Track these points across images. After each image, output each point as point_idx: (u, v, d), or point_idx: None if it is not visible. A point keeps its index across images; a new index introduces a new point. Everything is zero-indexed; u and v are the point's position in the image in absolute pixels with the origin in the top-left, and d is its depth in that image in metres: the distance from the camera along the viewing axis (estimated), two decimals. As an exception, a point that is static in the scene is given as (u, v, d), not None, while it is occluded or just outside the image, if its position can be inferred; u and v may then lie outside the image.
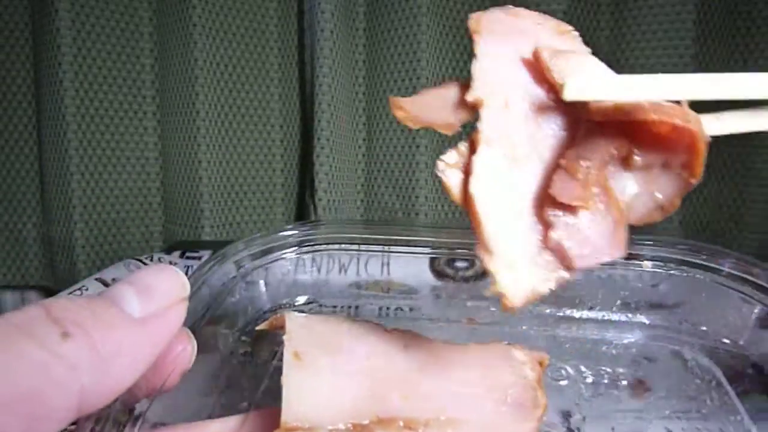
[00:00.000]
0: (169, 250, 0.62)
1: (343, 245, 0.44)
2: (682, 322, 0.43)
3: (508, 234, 0.21)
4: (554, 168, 0.22)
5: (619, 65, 0.65)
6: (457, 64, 0.67)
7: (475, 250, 0.21)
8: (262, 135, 0.70)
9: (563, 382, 0.38)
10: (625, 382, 0.39)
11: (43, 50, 0.64)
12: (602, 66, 0.23)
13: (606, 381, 0.39)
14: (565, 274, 0.21)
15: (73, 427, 0.20)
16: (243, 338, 0.42)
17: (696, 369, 0.40)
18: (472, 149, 0.22)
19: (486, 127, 0.22)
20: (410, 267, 0.50)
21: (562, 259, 0.21)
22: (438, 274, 0.51)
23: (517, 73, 0.23)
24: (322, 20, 0.62)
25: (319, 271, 0.48)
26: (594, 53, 0.23)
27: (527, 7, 0.24)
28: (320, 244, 0.44)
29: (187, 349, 0.24)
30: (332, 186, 0.66)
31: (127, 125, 0.68)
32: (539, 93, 0.23)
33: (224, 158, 0.68)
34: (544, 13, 0.24)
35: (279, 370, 0.26)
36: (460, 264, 0.51)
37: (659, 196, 0.22)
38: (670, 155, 0.21)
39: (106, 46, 0.65)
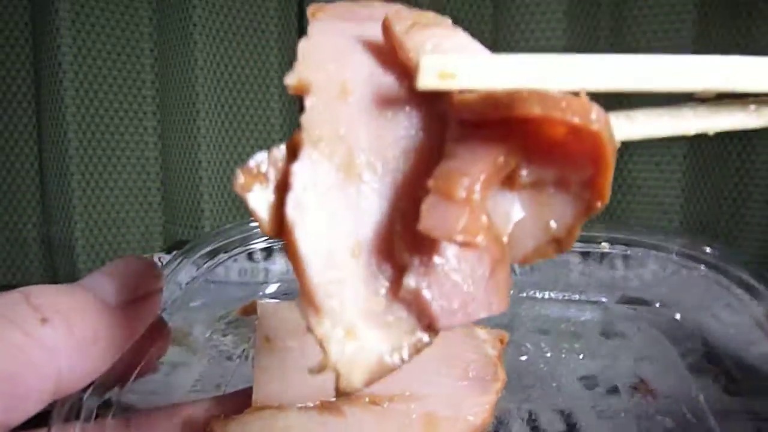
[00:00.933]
0: (169, 250, 0.63)
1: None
2: (639, 300, 0.45)
3: (342, 281, 0.15)
4: (415, 189, 0.15)
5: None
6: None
7: (297, 304, 0.15)
8: (262, 135, 0.70)
9: (523, 358, 0.40)
10: (581, 356, 0.40)
11: (43, 50, 0.64)
12: (477, 45, 0.17)
13: (564, 356, 0.40)
14: (425, 338, 0.15)
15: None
16: (217, 324, 0.44)
17: (650, 344, 0.41)
18: (292, 155, 0.15)
19: (312, 122, 0.15)
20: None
21: (421, 315, 0.15)
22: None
23: (361, 55, 0.17)
24: (322, 20, 0.62)
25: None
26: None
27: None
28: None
29: (162, 337, 0.25)
30: (332, 186, 0.66)
31: (127, 125, 0.68)
32: (389, 80, 0.16)
33: (224, 158, 0.68)
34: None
35: (252, 354, 0.28)
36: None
37: (553, 224, 0.16)
38: (566, 169, 0.15)
39: (106, 46, 0.65)
